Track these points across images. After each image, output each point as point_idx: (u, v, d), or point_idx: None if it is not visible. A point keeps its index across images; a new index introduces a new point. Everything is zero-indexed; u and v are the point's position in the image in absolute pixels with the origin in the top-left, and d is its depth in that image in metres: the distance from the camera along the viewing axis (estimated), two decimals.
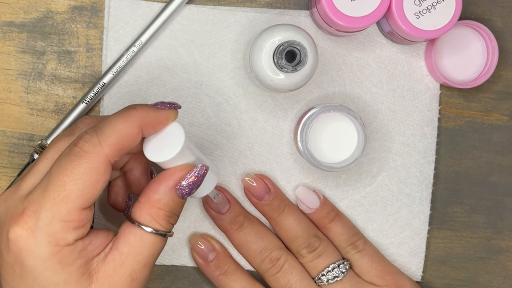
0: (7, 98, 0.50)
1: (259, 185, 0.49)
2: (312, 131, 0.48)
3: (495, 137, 0.52)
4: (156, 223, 0.39)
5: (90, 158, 0.37)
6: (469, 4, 0.51)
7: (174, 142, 0.39)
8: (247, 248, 0.49)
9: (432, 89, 0.51)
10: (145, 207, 0.39)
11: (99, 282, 0.38)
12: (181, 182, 0.39)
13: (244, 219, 0.49)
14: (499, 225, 0.52)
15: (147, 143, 0.40)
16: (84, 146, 0.37)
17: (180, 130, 0.40)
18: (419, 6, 0.46)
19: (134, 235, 0.39)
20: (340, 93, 0.51)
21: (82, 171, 0.36)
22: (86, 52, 0.50)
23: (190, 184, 0.40)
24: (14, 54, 0.50)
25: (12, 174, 0.50)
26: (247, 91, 0.51)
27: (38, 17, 0.50)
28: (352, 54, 0.51)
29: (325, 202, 0.50)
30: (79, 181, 0.36)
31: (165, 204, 0.39)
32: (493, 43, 0.50)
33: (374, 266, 0.49)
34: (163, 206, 0.39)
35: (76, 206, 0.37)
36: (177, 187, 0.39)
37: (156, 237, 0.39)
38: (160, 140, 0.40)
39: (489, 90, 0.52)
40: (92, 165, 0.37)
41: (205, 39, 0.50)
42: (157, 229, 0.39)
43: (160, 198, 0.39)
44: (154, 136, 0.40)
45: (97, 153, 0.37)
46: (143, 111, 0.39)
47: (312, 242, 0.49)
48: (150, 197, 0.39)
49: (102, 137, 0.37)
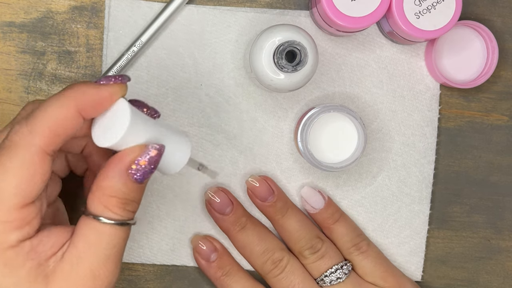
0: (7, 98, 0.50)
1: (263, 187, 0.49)
2: (312, 131, 0.48)
3: (495, 137, 0.52)
4: (110, 212, 0.35)
5: (21, 151, 0.33)
6: (469, 4, 0.51)
7: (120, 123, 0.34)
8: (249, 249, 0.49)
9: (432, 89, 0.51)
10: (97, 196, 0.35)
11: (56, 283, 0.35)
12: (131, 166, 0.35)
13: (246, 220, 0.49)
14: (499, 225, 0.52)
15: (94, 125, 0.36)
16: (14, 138, 0.34)
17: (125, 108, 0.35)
18: (419, 6, 0.46)
19: (89, 227, 0.35)
20: (340, 93, 0.51)
21: (14, 166, 0.33)
22: (86, 52, 0.50)
23: (142, 168, 0.36)
24: (14, 54, 0.50)
25: None
26: (247, 91, 0.51)
27: (38, 17, 0.50)
28: (352, 54, 0.51)
29: (329, 203, 0.50)
30: (13, 177, 0.33)
31: (117, 190, 0.35)
32: (493, 43, 0.50)
33: (377, 267, 0.49)
34: (115, 193, 0.35)
35: (14, 204, 0.33)
36: (129, 171, 0.35)
37: (112, 228, 0.35)
38: (106, 121, 0.35)
39: (489, 90, 0.52)
40: (24, 158, 0.33)
41: (205, 39, 0.50)
42: (112, 218, 0.35)
43: (112, 185, 0.35)
44: (101, 117, 0.36)
45: (28, 144, 0.33)
46: (80, 90, 0.35)
47: (314, 243, 0.48)
48: (101, 184, 0.35)
49: (33, 126, 0.34)
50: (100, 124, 0.36)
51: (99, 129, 0.35)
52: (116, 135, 0.34)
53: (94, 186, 0.36)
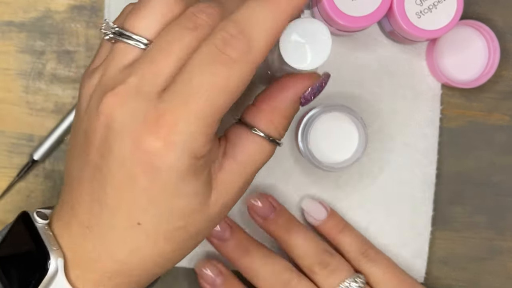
0: (6, 98, 0.49)
1: (264, 204, 0.48)
2: (313, 131, 0.48)
3: (497, 137, 0.52)
4: (277, 133, 0.37)
5: (241, 69, 0.32)
6: (470, 4, 0.51)
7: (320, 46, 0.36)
8: (255, 274, 0.47)
9: (433, 89, 0.51)
10: (269, 115, 0.36)
11: (218, 190, 0.35)
12: (305, 93, 0.37)
13: (248, 243, 0.48)
14: (501, 225, 0.52)
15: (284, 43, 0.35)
16: (233, 54, 0.32)
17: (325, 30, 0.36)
18: (421, 6, 0.46)
19: (253, 142, 0.36)
20: (340, 93, 0.51)
21: (232, 85, 0.32)
22: (85, 51, 0.50)
23: (310, 96, 0.38)
24: (13, 54, 0.49)
25: (11, 174, 0.50)
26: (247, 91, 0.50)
27: (38, 17, 0.49)
28: (353, 53, 0.51)
29: (332, 213, 0.49)
30: (227, 95, 0.32)
31: (290, 113, 0.37)
32: (494, 43, 0.50)
33: (389, 277, 0.48)
34: (288, 116, 0.37)
35: (217, 119, 0.33)
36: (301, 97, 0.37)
37: (273, 147, 0.37)
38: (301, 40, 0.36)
39: (491, 90, 0.52)
40: (243, 76, 0.32)
41: None
42: (277, 138, 0.37)
43: (287, 108, 0.37)
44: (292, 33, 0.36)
45: (248, 62, 0.32)
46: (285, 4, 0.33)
47: (324, 258, 0.47)
48: (277, 105, 0.37)
49: (253, 42, 0.32)
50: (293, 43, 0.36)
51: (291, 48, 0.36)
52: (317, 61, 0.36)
53: (265, 105, 0.37)
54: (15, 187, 0.50)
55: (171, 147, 0.32)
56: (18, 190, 0.50)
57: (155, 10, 0.34)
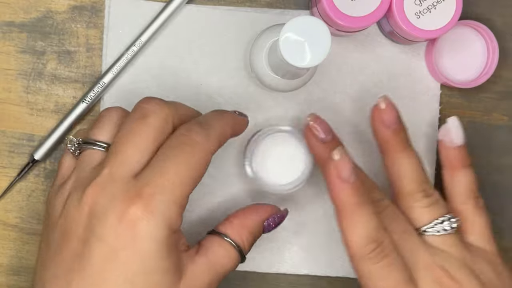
0: (7, 98, 0.50)
1: (392, 110, 0.45)
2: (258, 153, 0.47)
3: (496, 137, 0.52)
4: (243, 245, 0.43)
5: (202, 150, 0.39)
6: (469, 4, 0.51)
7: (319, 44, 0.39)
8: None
9: (432, 89, 0.51)
10: (239, 229, 0.43)
11: (187, 280, 0.39)
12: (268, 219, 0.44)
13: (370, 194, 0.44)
14: (500, 225, 0.52)
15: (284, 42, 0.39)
16: (197, 137, 0.39)
17: (324, 29, 0.39)
18: (420, 6, 0.46)
19: (224, 249, 0.42)
20: (340, 93, 0.51)
21: (195, 161, 0.39)
22: (86, 52, 0.50)
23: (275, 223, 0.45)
24: (14, 54, 0.49)
25: (12, 174, 0.50)
26: (247, 91, 0.50)
27: (38, 17, 0.50)
28: (352, 54, 0.51)
29: (464, 147, 0.47)
30: (192, 170, 0.39)
31: (256, 232, 0.44)
32: (493, 43, 0.50)
33: (488, 236, 0.45)
34: (254, 233, 0.43)
35: (187, 193, 0.39)
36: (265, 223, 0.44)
37: (238, 257, 0.42)
38: (300, 38, 0.39)
39: (490, 90, 0.52)
40: (202, 156, 0.39)
41: (205, 39, 0.50)
42: (243, 250, 0.43)
43: (254, 226, 0.43)
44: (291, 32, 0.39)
45: (207, 145, 0.40)
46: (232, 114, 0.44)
47: (426, 188, 0.45)
48: (245, 222, 0.43)
49: (210, 132, 0.40)
50: (292, 44, 0.39)
51: (291, 49, 0.39)
52: (317, 57, 0.39)
53: (238, 221, 0.43)
54: (16, 187, 0.50)
55: (151, 215, 0.37)
56: (19, 190, 0.50)
57: (109, 121, 0.42)
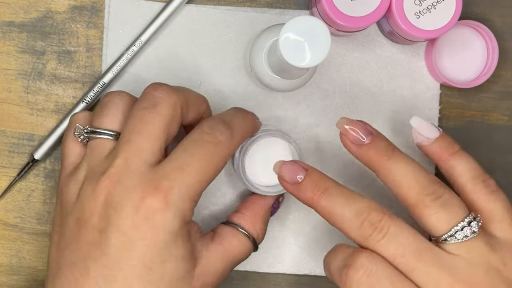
0: (7, 98, 0.50)
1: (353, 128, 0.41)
2: (248, 157, 0.46)
3: (495, 137, 0.52)
4: (257, 235, 0.44)
5: (225, 149, 0.40)
6: (469, 4, 0.51)
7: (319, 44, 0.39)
8: (339, 213, 0.39)
9: (432, 89, 0.51)
10: (252, 219, 0.45)
11: (201, 267, 0.40)
12: (274, 204, 0.47)
13: (327, 182, 0.40)
14: None
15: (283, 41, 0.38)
16: (220, 136, 0.40)
17: (324, 29, 0.39)
18: (419, 6, 0.46)
19: (237, 238, 0.43)
20: (340, 93, 0.51)
21: (216, 161, 0.40)
22: (86, 52, 0.50)
23: (275, 208, 0.47)
24: (14, 54, 0.49)
25: (12, 174, 0.50)
26: (247, 91, 0.50)
27: (38, 17, 0.50)
28: (352, 54, 0.51)
29: (444, 134, 0.43)
30: (213, 169, 0.40)
31: (267, 219, 0.46)
32: (493, 43, 0.50)
33: (509, 212, 0.40)
34: (266, 221, 0.46)
35: (203, 189, 0.40)
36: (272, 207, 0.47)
37: (251, 247, 0.44)
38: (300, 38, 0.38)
39: (489, 90, 0.52)
40: (225, 155, 0.40)
41: (205, 39, 0.50)
42: (256, 240, 0.44)
43: (265, 213, 0.46)
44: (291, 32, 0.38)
45: (230, 144, 0.41)
46: (253, 117, 0.45)
47: (433, 189, 0.39)
48: (257, 212, 0.45)
49: (233, 132, 0.41)
50: (291, 43, 0.38)
51: (290, 49, 0.39)
52: (317, 57, 0.38)
53: (250, 212, 0.45)
54: (16, 187, 0.50)
55: (168, 208, 0.38)
56: (19, 190, 0.50)
57: (113, 106, 0.42)
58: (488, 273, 0.38)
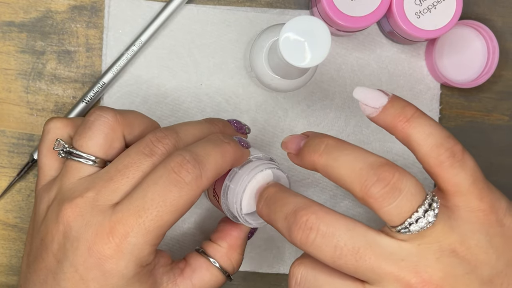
0: (7, 98, 0.50)
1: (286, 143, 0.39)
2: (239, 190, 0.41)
3: (496, 137, 0.52)
4: (232, 268, 0.42)
5: (191, 191, 0.36)
6: (469, 4, 0.51)
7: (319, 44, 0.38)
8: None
9: (432, 89, 0.51)
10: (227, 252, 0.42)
11: None
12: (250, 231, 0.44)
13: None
14: None
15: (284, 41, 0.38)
16: (187, 178, 0.36)
17: (324, 29, 0.38)
18: (420, 6, 0.46)
19: (210, 272, 0.41)
20: (340, 93, 0.51)
21: (182, 204, 0.36)
22: (86, 52, 0.50)
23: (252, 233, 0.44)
24: (14, 54, 0.49)
25: (12, 174, 0.50)
26: (247, 91, 0.50)
27: (38, 17, 0.49)
28: (352, 54, 0.51)
29: (395, 97, 0.37)
30: (176, 212, 0.36)
31: (243, 250, 0.42)
32: (493, 43, 0.50)
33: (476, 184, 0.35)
34: (242, 252, 0.42)
35: (164, 232, 0.37)
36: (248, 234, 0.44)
37: (224, 280, 0.42)
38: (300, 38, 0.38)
39: (490, 90, 0.52)
40: (191, 198, 0.36)
41: (205, 39, 0.50)
42: (231, 272, 0.42)
43: (241, 244, 0.42)
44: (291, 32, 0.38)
45: (198, 186, 0.36)
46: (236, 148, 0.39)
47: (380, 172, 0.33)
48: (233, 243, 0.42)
49: (204, 171, 0.36)
50: (292, 43, 0.38)
51: (291, 49, 0.39)
52: (317, 57, 0.38)
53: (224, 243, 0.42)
54: (16, 187, 0.50)
55: (121, 255, 0.36)
56: (19, 190, 0.50)
57: (99, 130, 0.38)
58: (440, 259, 0.34)
